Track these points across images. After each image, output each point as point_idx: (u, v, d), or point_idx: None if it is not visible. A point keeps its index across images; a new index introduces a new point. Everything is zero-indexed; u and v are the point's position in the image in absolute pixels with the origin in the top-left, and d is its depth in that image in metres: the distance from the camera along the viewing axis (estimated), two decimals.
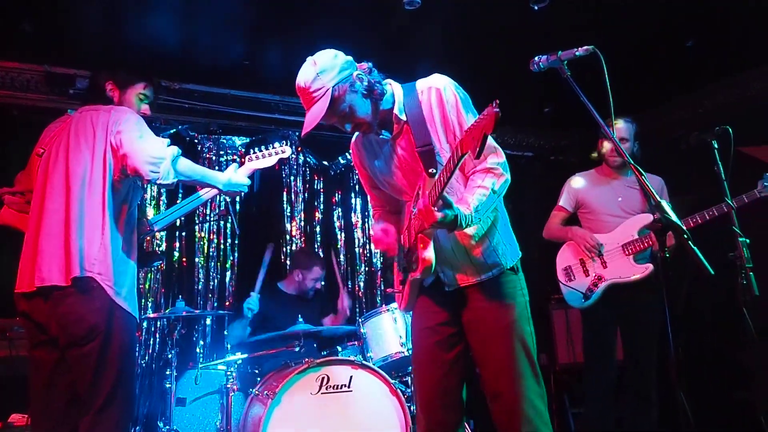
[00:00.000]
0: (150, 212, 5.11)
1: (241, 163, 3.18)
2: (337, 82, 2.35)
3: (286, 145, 3.31)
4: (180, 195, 5.23)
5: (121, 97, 2.86)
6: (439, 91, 2.42)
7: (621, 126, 3.86)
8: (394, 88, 2.53)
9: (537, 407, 2.32)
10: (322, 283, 5.02)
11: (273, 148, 3.27)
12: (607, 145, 3.90)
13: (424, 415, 2.50)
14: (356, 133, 2.65)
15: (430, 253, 2.31)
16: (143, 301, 4.94)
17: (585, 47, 2.26)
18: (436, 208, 2.13)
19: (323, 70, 2.37)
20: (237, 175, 2.96)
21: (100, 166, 2.58)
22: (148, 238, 5.00)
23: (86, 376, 2.44)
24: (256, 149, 3.25)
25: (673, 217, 2.01)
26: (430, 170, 2.32)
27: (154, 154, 2.54)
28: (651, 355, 3.69)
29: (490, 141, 2.25)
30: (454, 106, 2.40)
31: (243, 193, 3.06)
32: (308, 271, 4.79)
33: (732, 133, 2.96)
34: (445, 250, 2.43)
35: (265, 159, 3.24)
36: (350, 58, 2.48)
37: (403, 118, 2.46)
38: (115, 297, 2.50)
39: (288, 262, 5.45)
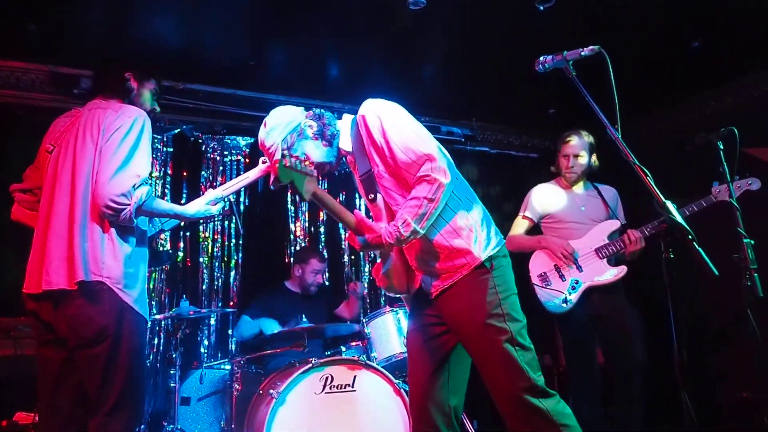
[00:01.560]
0: None
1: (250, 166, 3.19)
2: (285, 135, 2.53)
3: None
4: (184, 196, 5.25)
5: (139, 89, 2.87)
6: (364, 119, 2.49)
7: (574, 143, 4.04)
8: (343, 123, 2.64)
9: (526, 402, 2.26)
10: (326, 276, 5.00)
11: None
12: (563, 162, 4.07)
13: (413, 415, 2.56)
14: None
15: (381, 272, 2.59)
16: (148, 301, 4.94)
17: (591, 47, 2.27)
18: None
19: (272, 128, 2.54)
20: (206, 207, 2.98)
21: None
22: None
23: (95, 377, 2.43)
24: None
25: (679, 217, 2.01)
26: (369, 196, 2.54)
27: (119, 200, 2.45)
28: (632, 354, 3.79)
29: (424, 147, 2.34)
30: (380, 129, 2.43)
31: (229, 204, 3.15)
32: (306, 264, 4.81)
33: (738, 134, 2.96)
34: (416, 260, 2.51)
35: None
36: (300, 108, 2.65)
37: (349, 149, 2.59)
38: (125, 299, 2.48)
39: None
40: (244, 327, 4.61)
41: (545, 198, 4.14)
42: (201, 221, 5.26)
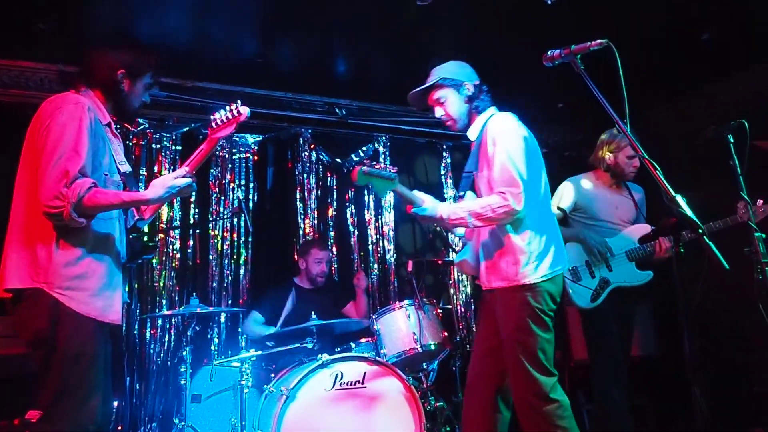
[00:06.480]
0: (164, 209, 5.12)
1: (207, 134, 2.80)
2: (447, 77, 3.04)
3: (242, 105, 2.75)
4: (194, 194, 5.24)
5: (131, 88, 2.68)
6: (490, 129, 2.92)
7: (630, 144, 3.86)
8: (482, 116, 3.04)
9: (533, 404, 2.70)
10: (333, 267, 4.99)
11: (229, 111, 2.75)
12: (628, 161, 3.93)
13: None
14: None
15: (458, 254, 3.18)
16: (158, 299, 4.98)
17: (599, 41, 2.25)
18: None
19: (446, 67, 3.11)
20: (171, 182, 2.59)
21: None
22: (163, 236, 5.05)
23: (38, 381, 2.34)
24: (216, 116, 2.79)
25: (689, 212, 2.00)
26: (459, 193, 3.02)
27: (53, 204, 2.30)
28: (629, 351, 3.94)
29: (516, 174, 2.76)
30: (494, 143, 2.85)
31: (193, 191, 2.75)
32: (307, 255, 4.84)
33: (748, 127, 2.93)
34: (480, 244, 3.00)
35: (226, 126, 2.77)
36: (473, 73, 3.14)
37: (472, 139, 3.04)
38: (66, 304, 2.33)
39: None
40: (253, 326, 4.64)
41: (581, 192, 4.05)
42: (215, 215, 5.27)
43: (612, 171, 4.01)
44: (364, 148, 5.89)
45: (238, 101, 2.70)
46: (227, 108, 2.74)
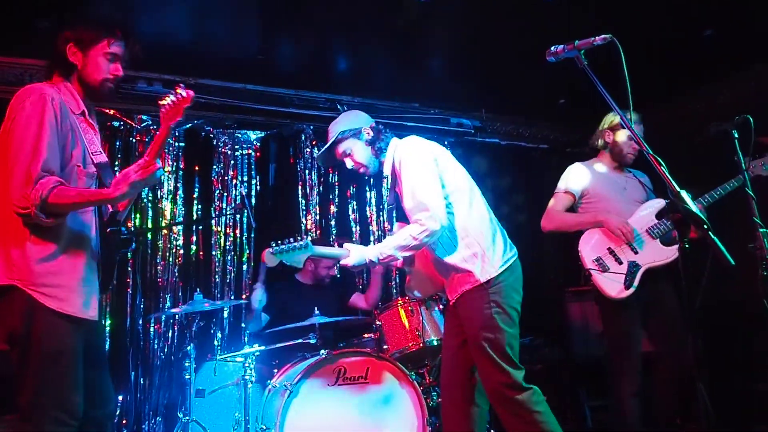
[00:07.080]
0: (167, 205, 5.14)
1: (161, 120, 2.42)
2: (345, 129, 3.08)
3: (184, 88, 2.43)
4: (196, 190, 5.27)
5: (84, 60, 2.52)
6: (395, 159, 3.01)
7: (641, 126, 3.83)
8: (389, 150, 3.08)
9: (506, 395, 2.76)
10: (337, 267, 5.01)
11: (175, 96, 2.41)
12: (622, 137, 3.86)
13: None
14: None
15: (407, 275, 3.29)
16: (162, 294, 5.00)
17: (603, 36, 2.24)
18: None
19: (339, 122, 3.13)
20: (134, 178, 2.35)
21: None
22: (166, 231, 5.07)
23: (15, 379, 2.28)
24: (163, 103, 2.43)
25: (693, 207, 2.00)
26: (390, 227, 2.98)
27: (21, 205, 2.24)
28: (685, 340, 3.63)
29: (424, 197, 2.82)
30: (400, 171, 2.95)
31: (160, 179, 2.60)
32: (319, 260, 4.81)
33: (753, 123, 2.92)
34: (434, 268, 3.07)
35: (174, 111, 2.42)
36: (368, 117, 3.18)
37: (387, 174, 3.11)
38: (40, 300, 2.27)
39: None
40: (261, 297, 4.54)
41: (588, 175, 3.91)
42: (218, 212, 5.28)
43: (611, 151, 3.93)
44: None
45: (182, 84, 2.45)
46: (172, 92, 2.42)
